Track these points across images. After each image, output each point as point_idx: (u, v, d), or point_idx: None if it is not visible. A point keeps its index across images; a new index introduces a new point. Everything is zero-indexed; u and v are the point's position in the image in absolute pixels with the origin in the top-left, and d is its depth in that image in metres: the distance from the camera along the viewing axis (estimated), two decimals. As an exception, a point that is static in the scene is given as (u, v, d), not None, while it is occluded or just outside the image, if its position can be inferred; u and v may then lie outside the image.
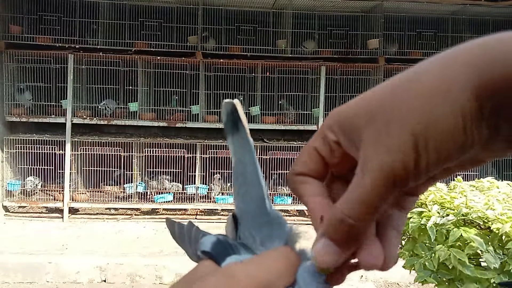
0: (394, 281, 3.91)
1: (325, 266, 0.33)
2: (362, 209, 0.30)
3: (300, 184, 0.35)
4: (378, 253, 0.33)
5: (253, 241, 0.37)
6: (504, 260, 1.41)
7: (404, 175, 0.29)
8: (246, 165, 0.41)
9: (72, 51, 5.31)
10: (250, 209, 0.39)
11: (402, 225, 0.35)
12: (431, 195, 1.77)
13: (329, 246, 0.32)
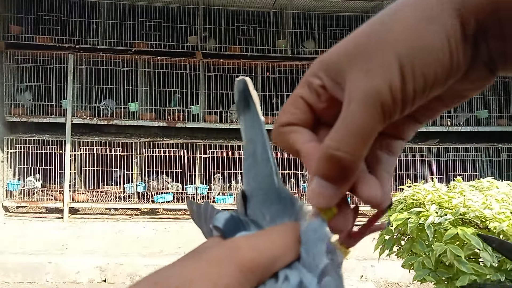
0: (394, 281, 3.91)
1: (323, 206, 0.32)
2: (352, 139, 0.29)
3: (289, 134, 0.33)
4: (375, 185, 0.32)
5: (262, 218, 0.37)
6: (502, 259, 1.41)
7: (391, 100, 0.28)
8: (256, 144, 0.40)
9: (72, 51, 5.32)
10: (260, 187, 0.39)
11: (392, 168, 0.35)
12: (429, 195, 1.78)
13: (323, 185, 0.31)
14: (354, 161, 0.29)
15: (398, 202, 1.90)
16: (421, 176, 5.39)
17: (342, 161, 0.29)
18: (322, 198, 0.32)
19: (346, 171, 0.30)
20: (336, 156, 0.29)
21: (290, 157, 5.42)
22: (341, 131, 0.29)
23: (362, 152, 0.29)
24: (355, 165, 0.30)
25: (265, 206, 0.37)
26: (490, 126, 5.77)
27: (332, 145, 0.29)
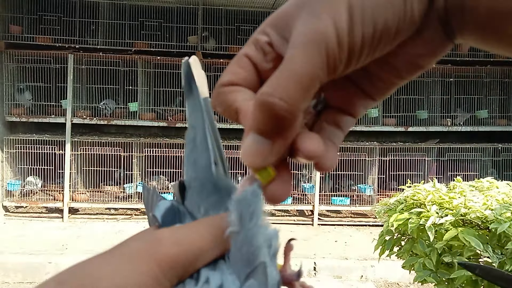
0: (394, 281, 3.91)
1: (258, 165, 0.28)
2: (289, 85, 0.26)
3: (229, 93, 0.30)
4: (317, 140, 0.29)
5: (198, 210, 0.34)
6: (503, 260, 1.41)
7: (336, 44, 0.25)
8: (196, 130, 0.37)
9: (72, 51, 5.32)
10: (198, 176, 0.36)
11: (338, 141, 0.32)
12: (429, 195, 1.78)
13: (258, 140, 0.28)
14: (291, 110, 0.26)
15: (399, 202, 1.90)
16: (421, 176, 5.39)
17: (277, 109, 0.26)
18: (256, 156, 0.28)
19: (282, 123, 0.27)
20: (270, 103, 0.26)
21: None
22: (278, 76, 0.26)
23: (300, 101, 0.26)
24: (292, 115, 0.26)
25: (201, 197, 0.35)
26: (490, 126, 5.77)
27: (266, 91, 0.26)
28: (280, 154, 0.29)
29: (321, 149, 0.28)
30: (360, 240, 4.69)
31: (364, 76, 0.31)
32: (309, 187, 5.42)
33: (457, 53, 5.68)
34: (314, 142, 0.28)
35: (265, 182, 0.30)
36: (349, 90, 0.32)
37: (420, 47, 0.29)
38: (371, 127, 5.58)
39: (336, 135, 0.32)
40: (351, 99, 0.32)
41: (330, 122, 0.32)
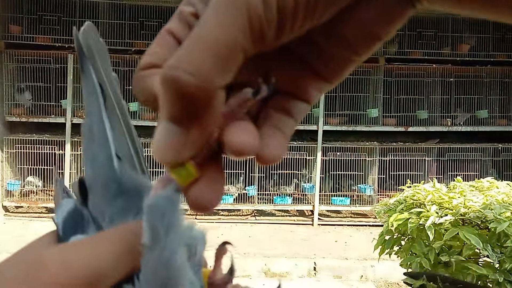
0: (394, 281, 3.91)
1: (170, 160, 0.23)
2: (200, 55, 0.20)
3: (147, 77, 0.24)
4: (249, 130, 0.24)
5: (102, 217, 0.28)
6: (502, 259, 1.41)
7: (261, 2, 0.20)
8: (92, 118, 0.30)
9: (72, 51, 5.31)
10: (98, 175, 0.29)
11: (288, 130, 0.27)
12: (429, 195, 1.78)
13: (169, 129, 0.22)
14: (203, 88, 0.21)
15: (398, 202, 1.91)
16: (421, 176, 5.39)
17: (184, 86, 0.20)
18: (167, 149, 0.23)
19: (194, 104, 0.21)
20: (174, 78, 0.20)
21: (290, 157, 5.42)
22: (186, 45, 0.21)
23: (214, 76, 0.21)
24: (205, 94, 0.21)
25: (104, 201, 0.28)
26: (490, 126, 5.77)
27: (171, 64, 0.21)
28: (199, 147, 0.24)
29: (251, 143, 0.23)
30: (360, 240, 4.69)
31: (314, 54, 0.26)
32: (309, 187, 5.42)
33: (457, 53, 5.68)
34: (243, 134, 0.23)
35: (184, 184, 0.24)
36: (299, 71, 0.27)
37: (374, 12, 0.24)
38: (371, 127, 5.59)
39: (285, 123, 0.27)
40: (302, 82, 0.27)
41: (279, 109, 0.27)
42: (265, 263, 3.94)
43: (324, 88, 0.28)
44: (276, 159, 0.25)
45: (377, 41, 0.25)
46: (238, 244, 4.47)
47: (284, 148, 0.26)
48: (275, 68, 0.27)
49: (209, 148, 0.24)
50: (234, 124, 0.24)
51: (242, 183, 5.43)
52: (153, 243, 0.24)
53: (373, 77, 5.61)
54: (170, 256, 0.24)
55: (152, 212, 0.24)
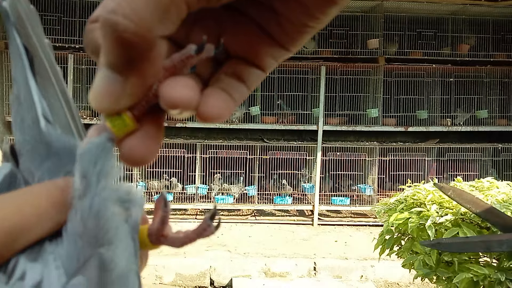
0: (394, 281, 3.91)
1: (106, 108, 0.23)
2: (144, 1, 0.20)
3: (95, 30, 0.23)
4: (188, 85, 0.23)
5: (32, 179, 0.27)
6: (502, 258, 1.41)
7: None
8: (19, 84, 0.30)
9: (72, 51, 5.32)
10: (27, 139, 0.29)
11: (238, 95, 0.26)
12: (430, 194, 1.78)
13: (107, 77, 0.22)
14: (141, 34, 0.20)
15: (399, 202, 1.91)
16: (421, 176, 5.39)
17: (121, 30, 0.20)
18: (104, 96, 0.22)
19: (132, 51, 0.21)
20: (112, 22, 0.20)
21: (289, 157, 5.42)
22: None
23: (153, 22, 0.21)
24: (143, 40, 0.21)
25: (34, 164, 0.28)
26: (490, 126, 5.77)
27: (111, 8, 0.20)
28: (136, 97, 0.23)
29: (187, 97, 0.23)
30: (360, 240, 4.69)
31: (271, 18, 0.25)
32: (309, 187, 5.42)
33: (457, 53, 5.68)
34: (180, 87, 0.23)
35: (120, 134, 0.24)
36: (254, 35, 0.26)
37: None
38: (371, 127, 5.59)
39: (235, 88, 0.26)
40: (257, 47, 0.26)
41: (231, 73, 0.27)
42: (265, 263, 3.94)
43: (279, 55, 0.27)
44: (216, 118, 0.24)
45: (332, 4, 0.24)
46: (238, 244, 4.47)
47: (228, 109, 0.25)
48: (230, 31, 0.26)
49: (148, 100, 0.24)
50: (173, 78, 0.23)
51: (242, 183, 5.43)
52: (84, 191, 0.23)
53: (373, 77, 5.61)
54: (100, 204, 0.23)
55: (83, 159, 0.23)
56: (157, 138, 0.25)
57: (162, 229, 0.28)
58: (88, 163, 0.23)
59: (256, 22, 0.26)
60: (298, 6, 0.24)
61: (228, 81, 0.26)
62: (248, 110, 5.55)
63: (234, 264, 3.91)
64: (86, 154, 0.23)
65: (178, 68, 0.24)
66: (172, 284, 3.83)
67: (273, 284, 3.70)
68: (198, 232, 0.28)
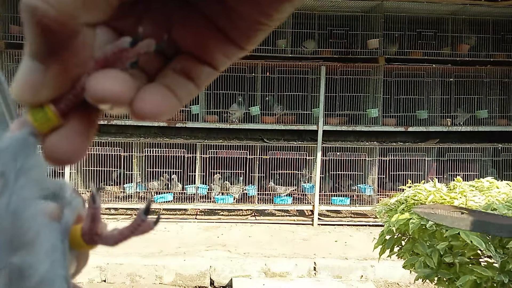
0: (394, 281, 3.91)
1: (27, 100, 0.21)
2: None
3: None
4: (117, 78, 0.22)
5: None
6: (505, 260, 1.41)
7: None
8: None
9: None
10: None
11: (184, 93, 0.25)
12: (430, 195, 1.78)
13: (29, 66, 0.21)
14: (62, 21, 0.19)
15: (399, 202, 1.90)
16: (421, 176, 5.39)
17: (41, 15, 0.19)
18: (25, 85, 0.21)
19: (53, 38, 0.20)
20: (32, 6, 0.19)
21: (290, 158, 5.42)
22: None
23: (75, 9, 0.20)
24: (63, 28, 0.20)
25: None
26: (490, 126, 5.77)
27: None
28: (58, 88, 0.22)
29: (116, 91, 0.21)
30: (360, 240, 4.69)
31: (221, 12, 0.24)
32: (309, 187, 5.42)
33: (457, 53, 5.68)
34: (108, 81, 0.21)
35: (43, 129, 0.22)
36: (204, 29, 0.25)
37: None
38: (371, 127, 5.59)
39: (180, 85, 0.25)
40: (206, 42, 0.25)
41: (178, 70, 0.25)
42: (265, 263, 3.94)
43: (232, 53, 0.26)
44: (151, 115, 0.23)
45: (284, 1, 0.23)
46: (238, 244, 4.47)
47: (168, 107, 0.24)
48: (180, 24, 0.25)
49: (76, 94, 0.22)
50: (103, 71, 0.22)
51: (242, 183, 5.43)
52: (1, 189, 0.21)
53: (373, 77, 5.61)
54: (18, 202, 0.21)
55: (2, 155, 0.22)
56: (86, 136, 0.24)
57: (94, 227, 0.26)
58: (7, 159, 0.21)
59: (207, 16, 0.25)
60: (251, 2, 0.23)
61: (174, 78, 0.25)
62: (248, 110, 5.55)
63: (234, 264, 3.91)
64: (5, 150, 0.22)
65: (111, 61, 0.22)
66: (172, 284, 3.83)
67: (273, 284, 3.69)
68: (132, 228, 0.26)
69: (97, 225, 0.26)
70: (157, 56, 0.26)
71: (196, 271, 3.86)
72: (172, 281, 3.83)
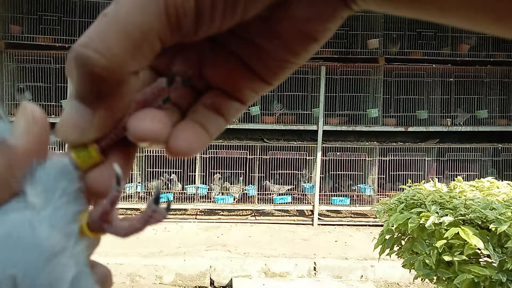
0: (394, 281, 3.91)
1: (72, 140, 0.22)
2: (112, 35, 0.20)
3: None
4: (156, 118, 0.23)
5: None
6: (503, 259, 1.41)
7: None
8: None
9: (72, 51, 5.31)
10: None
11: (214, 128, 0.26)
12: (430, 195, 1.78)
13: (76, 108, 0.22)
14: (112, 69, 0.20)
15: (399, 202, 1.91)
16: (421, 176, 5.39)
17: (92, 64, 0.20)
18: (70, 126, 0.22)
19: (102, 85, 0.21)
20: (83, 56, 0.20)
21: (289, 158, 5.42)
22: (98, 23, 0.21)
23: (125, 58, 0.21)
24: (113, 75, 0.21)
25: None
26: (490, 126, 5.77)
27: (81, 41, 0.20)
28: (104, 131, 0.23)
29: (155, 130, 0.23)
30: (360, 240, 4.69)
31: (251, 52, 0.25)
32: (309, 187, 5.42)
33: (457, 53, 5.68)
34: (148, 121, 0.23)
35: (84, 166, 0.23)
36: (234, 67, 0.26)
37: (305, 10, 0.23)
38: (371, 127, 5.59)
39: (211, 120, 0.26)
40: (236, 80, 0.26)
41: (209, 105, 0.26)
42: (265, 263, 3.94)
43: (260, 89, 0.27)
44: (185, 153, 0.24)
45: (312, 41, 0.25)
46: (238, 244, 4.47)
47: (200, 144, 0.25)
48: (211, 62, 0.26)
49: (117, 133, 0.24)
50: (142, 111, 0.23)
51: (242, 183, 5.43)
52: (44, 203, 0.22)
53: (373, 77, 5.61)
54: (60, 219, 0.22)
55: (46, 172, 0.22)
56: (125, 171, 0.24)
57: (109, 213, 0.24)
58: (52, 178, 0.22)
59: (236, 55, 0.26)
60: (279, 41, 0.24)
61: (205, 113, 0.26)
62: (248, 110, 5.55)
63: (234, 264, 3.91)
64: (50, 168, 0.22)
65: (150, 101, 0.24)
66: (172, 284, 3.83)
67: (273, 284, 3.70)
68: (145, 220, 0.25)
69: (111, 212, 0.25)
70: (188, 92, 0.27)
71: (196, 271, 3.86)
72: (172, 281, 3.83)
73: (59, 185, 0.22)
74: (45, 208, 0.22)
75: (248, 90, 0.27)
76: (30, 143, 0.21)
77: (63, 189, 0.22)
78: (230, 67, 0.26)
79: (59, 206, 0.22)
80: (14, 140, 0.21)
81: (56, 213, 0.22)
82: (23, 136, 0.21)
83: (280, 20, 0.24)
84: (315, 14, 0.23)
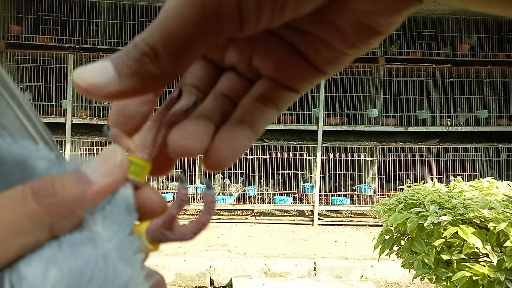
0: (394, 281, 3.91)
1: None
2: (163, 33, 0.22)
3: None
4: (192, 134, 0.24)
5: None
6: (502, 258, 1.41)
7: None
8: None
9: (72, 51, 5.32)
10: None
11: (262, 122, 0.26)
12: (429, 195, 1.78)
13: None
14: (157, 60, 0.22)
15: (398, 202, 1.91)
16: (421, 176, 5.39)
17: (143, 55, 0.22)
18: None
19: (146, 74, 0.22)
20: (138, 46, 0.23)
21: (290, 157, 5.42)
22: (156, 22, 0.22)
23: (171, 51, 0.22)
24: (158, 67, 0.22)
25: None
26: (490, 126, 5.77)
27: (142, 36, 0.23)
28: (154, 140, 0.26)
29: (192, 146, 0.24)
30: (360, 240, 4.69)
31: (304, 40, 0.24)
32: (309, 187, 5.42)
33: (457, 53, 5.68)
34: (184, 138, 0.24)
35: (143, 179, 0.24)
36: (286, 57, 0.25)
37: (369, 2, 0.21)
38: (371, 127, 5.59)
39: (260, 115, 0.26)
40: (289, 69, 0.25)
41: (259, 96, 0.26)
42: (265, 263, 3.94)
43: (315, 79, 0.26)
44: (222, 166, 0.25)
45: (373, 34, 0.23)
46: (238, 244, 4.47)
47: (239, 153, 0.25)
48: (262, 51, 0.25)
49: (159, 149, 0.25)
50: (178, 128, 0.24)
51: (242, 183, 5.43)
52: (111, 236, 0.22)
53: (373, 77, 5.61)
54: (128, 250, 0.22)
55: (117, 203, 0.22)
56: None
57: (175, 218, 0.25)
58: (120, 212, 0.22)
59: (291, 44, 0.25)
60: (337, 33, 0.23)
61: (254, 108, 0.26)
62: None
63: (234, 264, 3.91)
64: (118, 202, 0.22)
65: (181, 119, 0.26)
66: (172, 284, 3.83)
67: (273, 284, 3.70)
68: (208, 211, 0.26)
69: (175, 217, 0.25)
70: (239, 82, 0.26)
71: (196, 271, 3.86)
72: (172, 281, 3.83)
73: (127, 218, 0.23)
74: (112, 240, 0.22)
75: (301, 79, 0.26)
76: (107, 186, 0.22)
77: (129, 221, 0.23)
78: (282, 56, 0.25)
79: (124, 237, 0.22)
80: (92, 176, 0.21)
81: (122, 244, 0.22)
82: (103, 177, 0.22)
83: (339, 12, 0.22)
84: (378, 8, 0.22)
